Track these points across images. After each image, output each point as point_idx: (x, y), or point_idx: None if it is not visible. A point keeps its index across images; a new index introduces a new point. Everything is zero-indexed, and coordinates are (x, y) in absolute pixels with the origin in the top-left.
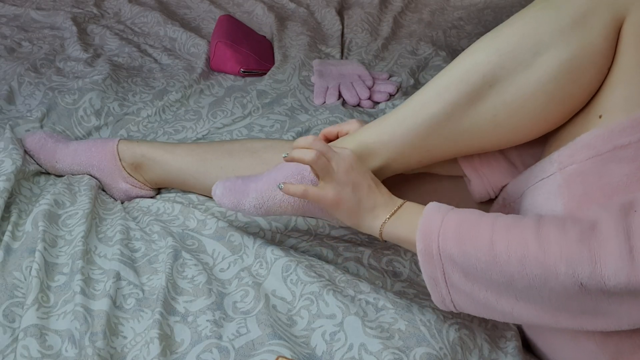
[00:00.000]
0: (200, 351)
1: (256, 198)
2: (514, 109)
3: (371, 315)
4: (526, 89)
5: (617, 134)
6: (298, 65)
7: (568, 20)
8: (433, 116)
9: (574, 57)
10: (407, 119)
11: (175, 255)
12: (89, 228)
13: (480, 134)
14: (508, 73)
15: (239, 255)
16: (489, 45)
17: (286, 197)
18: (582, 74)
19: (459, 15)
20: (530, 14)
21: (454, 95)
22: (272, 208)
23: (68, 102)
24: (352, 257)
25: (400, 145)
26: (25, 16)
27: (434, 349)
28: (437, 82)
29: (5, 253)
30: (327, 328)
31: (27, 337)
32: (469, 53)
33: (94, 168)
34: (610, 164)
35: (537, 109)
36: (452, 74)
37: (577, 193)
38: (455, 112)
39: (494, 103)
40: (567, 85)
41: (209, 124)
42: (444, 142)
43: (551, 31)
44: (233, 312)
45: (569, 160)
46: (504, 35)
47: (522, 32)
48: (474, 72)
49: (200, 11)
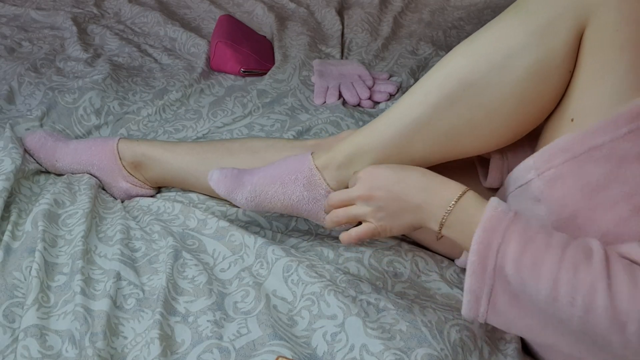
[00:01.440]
0: (201, 351)
1: (250, 191)
2: (489, 110)
3: (372, 316)
4: (499, 91)
5: (591, 135)
6: (298, 65)
7: (536, 26)
8: (416, 119)
9: (542, 59)
10: (393, 122)
11: (175, 255)
12: (89, 227)
13: (459, 136)
14: (482, 76)
15: (240, 255)
16: (465, 51)
17: (277, 195)
18: (550, 76)
19: (459, 15)
20: (502, 20)
21: (434, 98)
22: (262, 203)
23: (68, 101)
24: (352, 257)
25: (387, 147)
26: (26, 16)
27: (435, 349)
28: (419, 86)
29: (5, 253)
30: (328, 329)
31: (28, 337)
32: (447, 59)
33: (94, 167)
34: (587, 165)
35: (511, 109)
36: (432, 79)
37: (558, 196)
38: (435, 114)
39: (470, 105)
40: (537, 86)
41: (209, 123)
42: (426, 146)
43: (521, 36)
44: (234, 312)
45: (547, 166)
46: (478, 40)
47: (495, 37)
48: (452, 76)
49: (200, 11)
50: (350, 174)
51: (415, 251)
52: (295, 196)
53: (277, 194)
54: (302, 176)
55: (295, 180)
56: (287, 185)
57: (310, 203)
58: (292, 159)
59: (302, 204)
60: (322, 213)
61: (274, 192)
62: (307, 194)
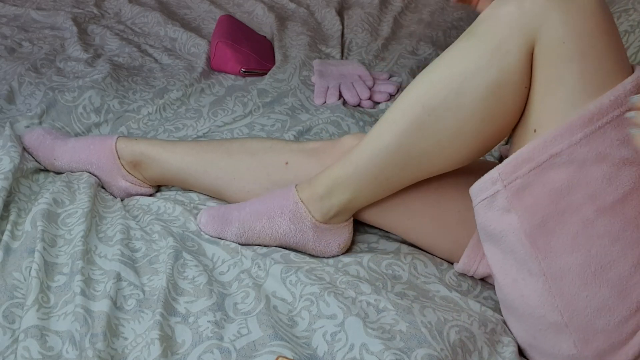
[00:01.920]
0: (202, 352)
1: (238, 228)
2: (454, 132)
3: (372, 316)
4: (460, 114)
5: (550, 143)
6: (298, 65)
7: (487, 49)
8: (386, 147)
9: (497, 79)
10: (366, 152)
11: (175, 255)
12: (89, 227)
13: (429, 158)
14: (442, 101)
15: (238, 259)
16: (425, 79)
17: (265, 229)
18: (507, 94)
19: (459, 16)
20: (455, 47)
21: (401, 125)
22: (252, 238)
23: (67, 99)
24: (352, 261)
25: (362, 175)
26: (26, 16)
27: (435, 350)
28: (387, 115)
29: (5, 253)
30: (328, 328)
31: (28, 338)
32: (410, 86)
33: (93, 166)
34: (550, 172)
35: (473, 129)
36: (397, 107)
37: (528, 204)
38: (404, 140)
39: (434, 129)
40: (496, 104)
41: (210, 122)
42: (399, 171)
43: (474, 60)
44: (234, 313)
45: (513, 176)
46: (436, 67)
47: (450, 63)
48: (415, 103)
49: (200, 11)
50: (332, 205)
51: (414, 254)
52: (283, 229)
53: (265, 229)
54: (288, 210)
55: (282, 215)
56: (274, 220)
57: (297, 235)
58: (278, 193)
59: (289, 236)
60: (310, 244)
61: (262, 227)
62: (294, 227)
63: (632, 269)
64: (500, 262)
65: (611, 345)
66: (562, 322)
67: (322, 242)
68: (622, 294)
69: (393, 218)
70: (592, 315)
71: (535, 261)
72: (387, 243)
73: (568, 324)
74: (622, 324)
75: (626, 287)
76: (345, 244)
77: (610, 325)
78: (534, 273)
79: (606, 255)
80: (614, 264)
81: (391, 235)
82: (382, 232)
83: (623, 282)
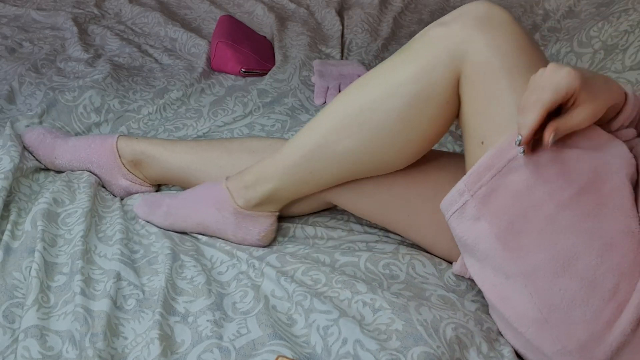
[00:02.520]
0: (201, 351)
1: (165, 212)
2: (377, 132)
3: (368, 318)
4: (387, 115)
5: (507, 148)
6: (298, 65)
7: (418, 64)
8: (314, 140)
9: (423, 89)
10: (296, 146)
11: (174, 257)
12: (89, 227)
13: (354, 157)
14: (373, 102)
15: (237, 260)
16: (361, 82)
17: (189, 214)
18: (429, 105)
19: None
20: (392, 59)
21: (330, 122)
22: (177, 222)
23: (68, 99)
24: (348, 262)
25: (288, 168)
26: (26, 16)
27: (431, 347)
28: (321, 113)
29: (5, 253)
30: (320, 322)
31: (28, 337)
32: (346, 89)
33: (94, 164)
34: (510, 176)
35: (397, 132)
36: (331, 106)
37: (494, 209)
38: (332, 138)
39: (361, 129)
40: (419, 112)
41: (210, 122)
42: (324, 167)
43: (405, 71)
44: (233, 312)
45: (478, 185)
46: (371, 74)
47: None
48: (346, 103)
49: (200, 11)
50: (255, 193)
51: (413, 254)
52: (206, 215)
53: (190, 213)
54: (214, 196)
55: (207, 201)
56: (200, 205)
57: (219, 221)
58: (209, 184)
59: (211, 222)
60: (231, 230)
61: (187, 212)
62: (217, 213)
63: (598, 259)
64: (478, 271)
65: (592, 336)
66: (542, 318)
67: (243, 228)
68: (592, 284)
69: (391, 215)
70: (568, 308)
71: (508, 263)
72: (386, 244)
73: (548, 320)
74: (597, 313)
75: (595, 277)
76: (265, 234)
77: (587, 316)
78: (510, 275)
79: (571, 248)
80: (580, 256)
81: (391, 235)
82: (382, 231)
83: (591, 272)
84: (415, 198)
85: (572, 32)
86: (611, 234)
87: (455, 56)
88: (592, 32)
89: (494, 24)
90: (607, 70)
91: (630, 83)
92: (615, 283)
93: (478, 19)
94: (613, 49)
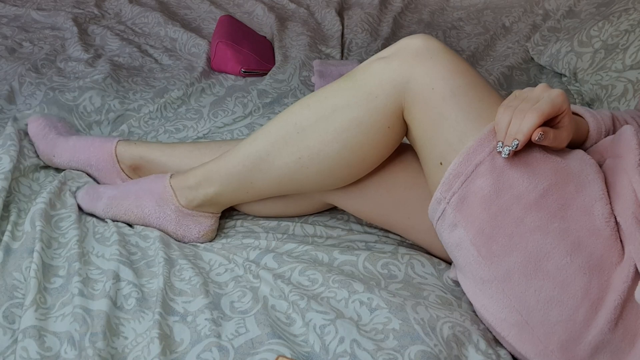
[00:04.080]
0: (200, 350)
1: (106, 203)
2: (315, 152)
3: (365, 317)
4: (324, 136)
5: (472, 154)
6: (298, 65)
7: (360, 92)
8: (255, 152)
9: (362, 116)
10: (237, 153)
11: (171, 261)
12: (84, 231)
13: (291, 172)
14: (311, 123)
15: (234, 264)
16: (303, 102)
17: (131, 208)
18: (369, 130)
19: (459, 16)
20: (335, 84)
21: (272, 136)
22: (118, 214)
23: (68, 99)
24: (347, 261)
25: (229, 175)
26: (26, 16)
27: (428, 346)
28: (267, 125)
29: (5, 253)
30: (317, 322)
31: (26, 338)
32: (291, 106)
33: (92, 167)
34: (477, 180)
35: (334, 153)
36: (275, 120)
37: (466, 214)
38: (272, 151)
39: (299, 146)
40: (358, 136)
41: (210, 123)
42: (263, 178)
43: (346, 97)
44: (231, 311)
45: (450, 193)
46: (316, 95)
47: (327, 95)
48: (289, 120)
49: (200, 12)
50: (197, 194)
51: (412, 254)
52: (147, 210)
53: (131, 207)
54: (156, 192)
55: (149, 196)
56: (141, 200)
57: (160, 217)
58: (152, 178)
59: (152, 217)
60: (172, 226)
61: (128, 205)
62: (158, 209)
63: (568, 259)
64: (462, 280)
65: (571, 335)
66: (523, 320)
67: (183, 226)
68: (564, 283)
69: (391, 217)
70: (545, 309)
71: (484, 268)
72: (386, 244)
73: (528, 321)
74: (573, 312)
75: (566, 277)
76: (205, 233)
77: (563, 316)
78: (486, 280)
79: (541, 248)
80: (550, 256)
81: (390, 235)
82: (382, 231)
83: (562, 272)
84: (415, 200)
85: (572, 32)
86: (577, 233)
87: (397, 87)
88: (593, 32)
89: (430, 54)
90: (608, 69)
91: (631, 82)
92: (586, 282)
93: (415, 52)
94: (613, 49)
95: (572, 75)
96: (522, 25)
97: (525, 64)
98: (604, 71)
